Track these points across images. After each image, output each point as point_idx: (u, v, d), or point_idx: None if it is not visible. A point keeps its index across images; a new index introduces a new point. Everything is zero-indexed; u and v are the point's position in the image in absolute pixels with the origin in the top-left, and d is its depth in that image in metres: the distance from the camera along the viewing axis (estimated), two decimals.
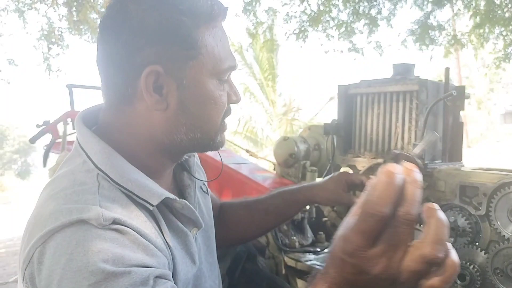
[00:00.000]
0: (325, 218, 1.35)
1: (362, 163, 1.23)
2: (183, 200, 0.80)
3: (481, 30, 5.99)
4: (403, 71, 1.22)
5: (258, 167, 1.99)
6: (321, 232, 1.51)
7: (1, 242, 6.73)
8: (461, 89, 1.20)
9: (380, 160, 1.18)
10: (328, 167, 1.35)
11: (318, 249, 1.44)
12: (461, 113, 1.27)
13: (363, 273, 0.46)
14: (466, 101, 1.21)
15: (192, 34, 0.72)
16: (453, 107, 1.20)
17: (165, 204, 0.76)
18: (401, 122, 1.19)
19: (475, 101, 16.92)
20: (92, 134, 0.76)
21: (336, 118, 1.34)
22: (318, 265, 1.36)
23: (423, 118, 1.11)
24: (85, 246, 0.61)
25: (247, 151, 2.22)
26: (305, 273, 1.36)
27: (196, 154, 0.97)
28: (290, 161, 1.73)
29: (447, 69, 1.22)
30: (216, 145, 0.82)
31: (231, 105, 0.84)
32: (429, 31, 6.13)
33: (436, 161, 1.18)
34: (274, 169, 1.89)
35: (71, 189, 0.70)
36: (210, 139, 0.80)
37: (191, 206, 0.80)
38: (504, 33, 5.89)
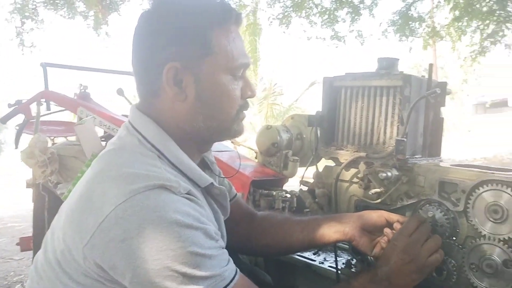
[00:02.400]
0: (307, 209, 1.36)
1: (345, 156, 1.24)
2: (222, 186, 0.96)
3: (460, 23, 6.08)
4: (388, 65, 1.23)
5: (239, 155, 1.97)
6: None
7: None
8: (443, 86, 1.21)
9: (362, 154, 1.19)
10: (311, 159, 1.35)
11: None
12: (441, 108, 1.29)
13: (412, 252, 0.93)
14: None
15: (207, 35, 0.85)
16: (434, 103, 1.22)
17: (206, 189, 0.91)
18: (384, 117, 1.19)
19: None
20: (149, 119, 0.88)
21: (320, 109, 1.34)
22: (298, 255, 1.37)
23: (406, 113, 1.13)
24: (171, 206, 0.74)
25: None
26: (286, 264, 1.37)
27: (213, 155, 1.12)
28: (273, 150, 1.73)
29: (431, 66, 1.23)
30: (233, 133, 0.94)
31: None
32: (410, 22, 6.18)
33: (416, 156, 1.20)
34: (256, 158, 1.88)
35: (136, 159, 0.82)
36: (226, 127, 0.91)
37: (226, 194, 0.97)
38: (481, 27, 5.99)
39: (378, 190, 1.11)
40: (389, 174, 1.08)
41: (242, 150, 2.33)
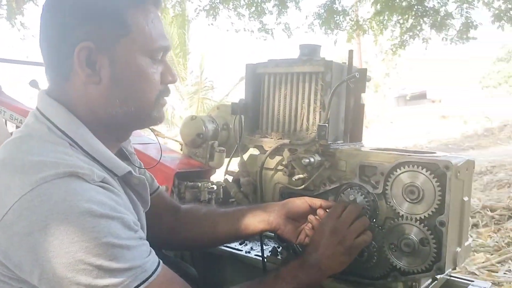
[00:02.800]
0: (232, 199, 1.33)
1: (269, 143, 1.22)
2: (142, 176, 0.90)
3: (381, 17, 6.38)
4: (309, 52, 1.22)
5: (165, 148, 1.90)
6: None
7: None
8: (363, 72, 1.23)
9: (286, 141, 1.17)
10: (235, 148, 1.32)
11: None
12: (362, 95, 1.31)
13: (339, 233, 0.95)
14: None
15: (123, 14, 0.80)
16: (355, 89, 1.23)
17: (123, 178, 0.85)
18: (306, 103, 1.19)
19: (372, 85, 18.26)
20: (59, 105, 0.81)
21: (244, 97, 1.31)
22: (224, 246, 1.34)
23: (328, 99, 1.13)
24: (83, 195, 0.68)
25: (153, 130, 2.11)
26: (212, 255, 1.33)
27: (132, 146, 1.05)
28: (198, 141, 1.68)
29: (351, 52, 1.24)
30: (153, 120, 0.87)
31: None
32: (334, 16, 6.38)
33: (338, 142, 1.21)
34: (181, 149, 1.82)
35: (43, 147, 0.75)
36: (145, 113, 0.85)
37: (146, 184, 0.91)
38: (401, 21, 6.34)
39: (301, 176, 1.11)
40: (312, 160, 1.07)
41: (170, 144, 2.25)
